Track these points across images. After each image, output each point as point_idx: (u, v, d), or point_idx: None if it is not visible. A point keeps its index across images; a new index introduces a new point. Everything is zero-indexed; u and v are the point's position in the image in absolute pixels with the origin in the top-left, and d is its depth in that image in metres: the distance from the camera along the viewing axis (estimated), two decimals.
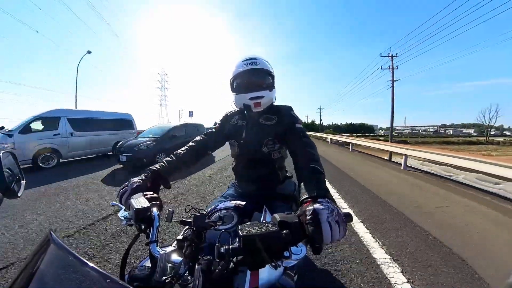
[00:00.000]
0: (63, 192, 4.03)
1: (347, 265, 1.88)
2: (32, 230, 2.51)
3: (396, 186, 4.62)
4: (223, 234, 0.59)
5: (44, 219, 2.81)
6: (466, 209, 3.30)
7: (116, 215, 2.86)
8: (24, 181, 0.76)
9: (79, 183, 4.64)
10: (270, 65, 1.11)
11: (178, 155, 1.00)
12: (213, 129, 1.20)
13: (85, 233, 2.44)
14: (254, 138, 1.08)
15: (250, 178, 1.17)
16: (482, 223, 2.79)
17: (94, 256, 1.99)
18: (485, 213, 3.15)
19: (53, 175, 5.45)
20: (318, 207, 0.55)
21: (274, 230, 0.50)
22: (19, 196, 0.69)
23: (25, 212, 3.00)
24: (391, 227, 2.64)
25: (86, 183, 4.65)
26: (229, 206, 0.93)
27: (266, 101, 1.06)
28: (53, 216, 2.91)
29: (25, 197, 3.54)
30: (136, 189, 0.76)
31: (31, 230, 2.51)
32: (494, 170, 3.94)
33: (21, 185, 0.73)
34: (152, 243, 0.62)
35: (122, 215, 0.71)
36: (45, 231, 2.20)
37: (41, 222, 2.72)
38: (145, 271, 0.58)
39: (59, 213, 3.00)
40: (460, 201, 3.67)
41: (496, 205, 3.50)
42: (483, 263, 1.94)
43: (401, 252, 2.11)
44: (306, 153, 0.85)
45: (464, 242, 2.31)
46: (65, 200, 3.57)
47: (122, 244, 2.18)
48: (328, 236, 0.52)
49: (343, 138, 14.34)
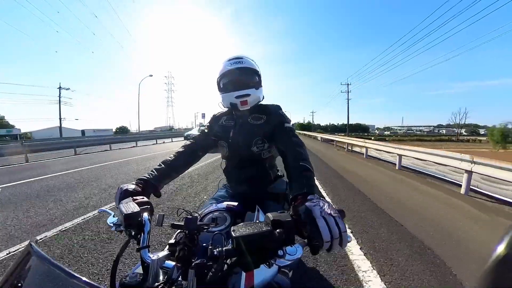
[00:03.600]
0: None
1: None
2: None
3: (345, 163, 7.81)
4: (216, 236, 0.58)
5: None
6: (374, 168, 6.76)
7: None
8: None
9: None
10: (256, 64, 1.12)
11: (167, 162, 0.98)
12: (204, 130, 1.20)
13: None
14: (243, 138, 1.07)
15: (241, 178, 1.16)
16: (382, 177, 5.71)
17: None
18: (382, 171, 6.34)
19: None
20: (310, 204, 0.56)
21: (267, 229, 0.50)
22: None
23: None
24: (332, 181, 5.01)
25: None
26: (221, 208, 0.92)
27: (252, 100, 1.06)
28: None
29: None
30: (126, 194, 0.74)
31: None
32: (412, 154, 5.85)
33: None
34: (143, 249, 0.60)
35: (111, 221, 0.69)
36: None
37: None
38: (137, 278, 0.56)
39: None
40: (373, 167, 6.91)
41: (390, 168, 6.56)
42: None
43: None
44: (295, 152, 0.86)
45: (348, 172, 5.37)
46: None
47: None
48: (326, 230, 0.51)
49: (329, 136, 17.36)
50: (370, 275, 1.74)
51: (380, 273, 1.77)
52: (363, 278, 1.70)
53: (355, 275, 1.75)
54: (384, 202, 3.53)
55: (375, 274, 1.75)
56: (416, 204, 3.48)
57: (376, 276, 1.73)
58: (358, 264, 1.88)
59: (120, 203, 0.66)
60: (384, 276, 1.73)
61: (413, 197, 3.93)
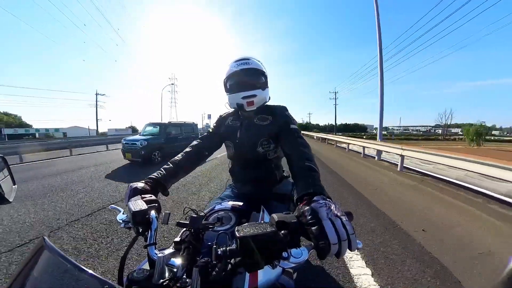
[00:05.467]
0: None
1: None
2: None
3: (333, 155, 9.90)
4: (221, 235, 0.58)
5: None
6: (341, 154, 9.75)
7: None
8: (16, 186, 0.74)
9: None
10: (263, 65, 1.12)
11: (175, 162, 0.99)
12: (209, 131, 1.20)
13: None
14: (249, 138, 1.07)
15: (247, 178, 1.17)
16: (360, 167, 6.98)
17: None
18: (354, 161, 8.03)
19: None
20: (316, 206, 0.55)
21: (272, 230, 0.50)
22: (10, 202, 0.68)
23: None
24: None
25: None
26: (226, 207, 0.92)
27: (258, 100, 1.06)
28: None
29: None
30: (135, 192, 0.76)
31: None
32: (387, 149, 7.03)
33: (12, 189, 0.72)
34: (150, 246, 0.62)
35: (120, 218, 0.70)
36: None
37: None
38: (144, 274, 0.57)
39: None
40: (339, 152, 10.04)
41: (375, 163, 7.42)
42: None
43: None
44: (301, 153, 0.86)
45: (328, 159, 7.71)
46: None
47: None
48: (333, 232, 0.49)
49: (323, 135, 20.22)
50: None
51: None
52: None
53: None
54: (341, 171, 5.95)
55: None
56: (366, 175, 5.55)
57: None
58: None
59: (129, 201, 0.68)
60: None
61: (362, 170, 6.28)
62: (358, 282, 1.64)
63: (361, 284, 1.61)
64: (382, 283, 1.62)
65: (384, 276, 1.70)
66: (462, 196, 3.65)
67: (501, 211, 3.00)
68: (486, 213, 2.93)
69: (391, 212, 3.00)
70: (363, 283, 1.62)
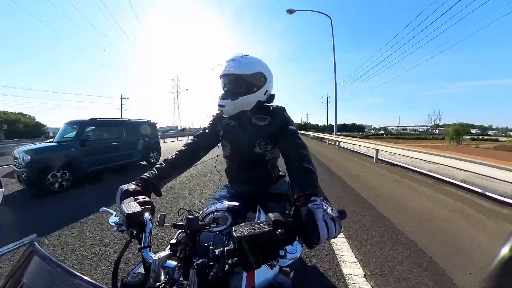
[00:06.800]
0: None
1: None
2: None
3: (326, 150, 11.27)
4: (217, 236, 0.58)
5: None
6: (330, 149, 11.94)
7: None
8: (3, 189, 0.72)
9: None
10: (259, 63, 1.04)
11: (168, 161, 0.97)
12: (206, 130, 1.18)
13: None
14: (247, 138, 1.06)
15: (243, 178, 1.16)
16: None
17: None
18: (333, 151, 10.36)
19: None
20: (313, 206, 0.56)
21: (268, 230, 0.50)
22: None
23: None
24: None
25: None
26: (222, 208, 0.92)
27: (230, 109, 1.03)
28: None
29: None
30: (127, 194, 0.74)
31: None
32: (368, 145, 8.41)
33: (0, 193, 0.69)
34: (144, 249, 0.60)
35: (112, 221, 0.69)
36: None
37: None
38: (138, 278, 0.56)
39: None
40: (329, 147, 12.64)
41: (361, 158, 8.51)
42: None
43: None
44: (298, 154, 0.86)
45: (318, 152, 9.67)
46: None
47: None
48: (325, 234, 0.53)
49: (318, 134, 21.37)
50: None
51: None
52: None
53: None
54: (327, 162, 7.25)
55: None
56: (345, 164, 7.05)
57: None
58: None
59: (121, 203, 0.66)
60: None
61: (343, 161, 7.78)
62: (350, 280, 1.70)
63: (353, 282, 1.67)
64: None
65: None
66: (419, 180, 4.78)
67: (443, 188, 4.14)
68: (433, 189, 4.05)
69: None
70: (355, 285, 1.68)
